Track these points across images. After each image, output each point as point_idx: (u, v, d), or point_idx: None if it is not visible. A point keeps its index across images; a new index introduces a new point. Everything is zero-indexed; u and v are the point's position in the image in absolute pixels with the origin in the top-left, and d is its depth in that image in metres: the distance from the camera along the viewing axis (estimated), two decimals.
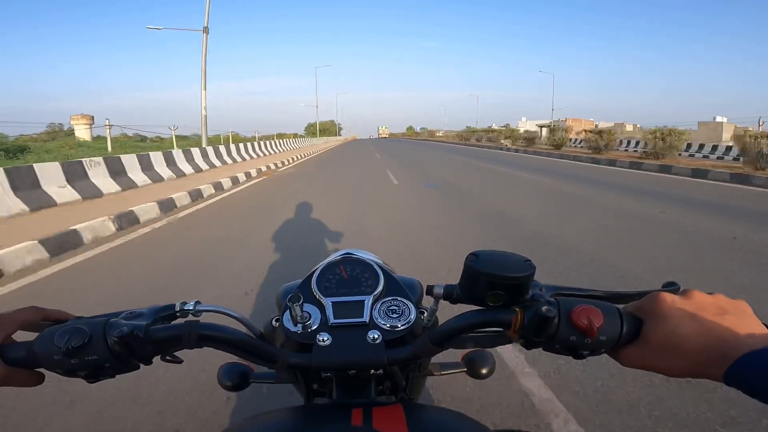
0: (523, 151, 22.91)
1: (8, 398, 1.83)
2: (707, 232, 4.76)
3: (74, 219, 4.99)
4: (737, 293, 2.44)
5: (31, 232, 4.28)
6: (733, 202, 6.93)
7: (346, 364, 0.50)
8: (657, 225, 5.19)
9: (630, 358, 0.42)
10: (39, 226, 4.64)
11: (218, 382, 0.68)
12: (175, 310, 0.53)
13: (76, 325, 0.44)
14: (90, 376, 0.46)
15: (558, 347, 0.43)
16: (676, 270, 3.51)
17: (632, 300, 0.47)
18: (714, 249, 4.11)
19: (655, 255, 3.90)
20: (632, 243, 4.32)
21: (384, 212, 6.10)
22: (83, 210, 5.73)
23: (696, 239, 4.48)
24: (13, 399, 1.82)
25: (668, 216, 5.67)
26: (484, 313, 0.46)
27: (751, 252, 3.98)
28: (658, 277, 3.28)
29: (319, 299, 0.57)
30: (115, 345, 0.44)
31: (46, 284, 3.38)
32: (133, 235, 4.94)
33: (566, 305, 0.43)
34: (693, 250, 4.06)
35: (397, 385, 0.60)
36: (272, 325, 0.58)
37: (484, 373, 0.72)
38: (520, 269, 0.43)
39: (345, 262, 0.62)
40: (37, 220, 5.16)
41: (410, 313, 0.54)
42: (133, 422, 1.73)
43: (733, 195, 7.74)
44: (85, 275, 3.56)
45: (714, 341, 0.37)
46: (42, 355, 0.44)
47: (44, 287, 3.31)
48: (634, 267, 3.55)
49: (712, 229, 4.87)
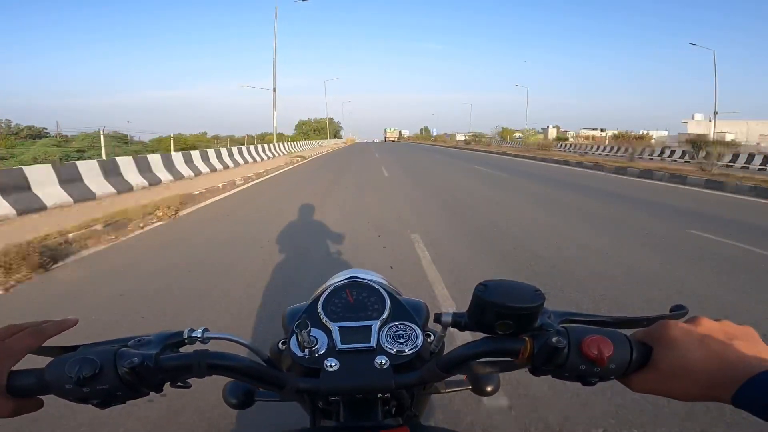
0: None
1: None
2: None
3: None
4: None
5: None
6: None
7: (355, 389, 0.50)
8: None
9: (640, 384, 0.43)
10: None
11: (223, 400, 0.68)
12: (183, 337, 0.53)
13: (87, 355, 0.45)
14: (101, 404, 0.46)
15: (567, 375, 0.43)
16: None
17: (640, 325, 0.47)
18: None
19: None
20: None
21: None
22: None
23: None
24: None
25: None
26: (493, 341, 0.46)
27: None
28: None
29: (326, 324, 0.57)
30: (125, 375, 0.44)
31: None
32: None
33: (576, 335, 0.43)
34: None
35: (403, 405, 0.61)
36: (279, 347, 0.58)
37: (489, 390, 0.72)
38: (529, 299, 0.44)
39: (351, 286, 0.63)
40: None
41: (417, 337, 0.55)
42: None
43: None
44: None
45: (722, 365, 0.38)
46: (53, 384, 0.44)
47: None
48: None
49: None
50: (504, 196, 8.66)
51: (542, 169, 15.87)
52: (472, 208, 7.14)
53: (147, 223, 5.84)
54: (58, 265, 4.04)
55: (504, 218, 6.28)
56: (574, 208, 7.14)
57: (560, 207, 7.30)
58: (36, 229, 5.05)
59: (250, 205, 7.83)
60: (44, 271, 3.79)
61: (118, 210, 6.20)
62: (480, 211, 6.94)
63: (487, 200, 8.06)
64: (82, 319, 0.58)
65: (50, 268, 3.90)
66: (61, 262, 4.11)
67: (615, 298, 3.18)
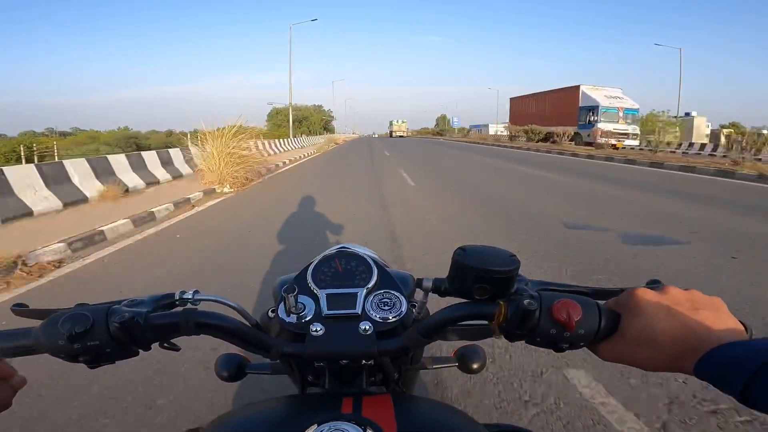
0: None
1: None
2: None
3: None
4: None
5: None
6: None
7: (338, 354, 0.52)
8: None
9: (608, 351, 0.44)
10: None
11: (215, 372, 0.70)
12: (175, 298, 0.54)
13: (80, 311, 0.46)
14: (91, 362, 0.47)
15: (539, 340, 0.45)
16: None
17: (615, 296, 0.48)
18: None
19: None
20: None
21: None
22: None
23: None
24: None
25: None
26: (470, 306, 0.48)
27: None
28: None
29: (314, 291, 0.58)
30: (116, 331, 0.45)
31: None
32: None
33: (547, 299, 0.44)
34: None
35: (388, 377, 0.62)
36: (268, 315, 0.59)
37: (475, 367, 0.74)
38: (505, 263, 0.45)
39: (340, 256, 0.64)
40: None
41: (401, 305, 0.56)
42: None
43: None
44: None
45: (686, 335, 0.39)
46: (46, 341, 0.46)
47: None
48: None
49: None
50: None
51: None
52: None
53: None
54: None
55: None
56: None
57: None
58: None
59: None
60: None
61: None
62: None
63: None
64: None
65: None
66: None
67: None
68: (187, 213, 6.32)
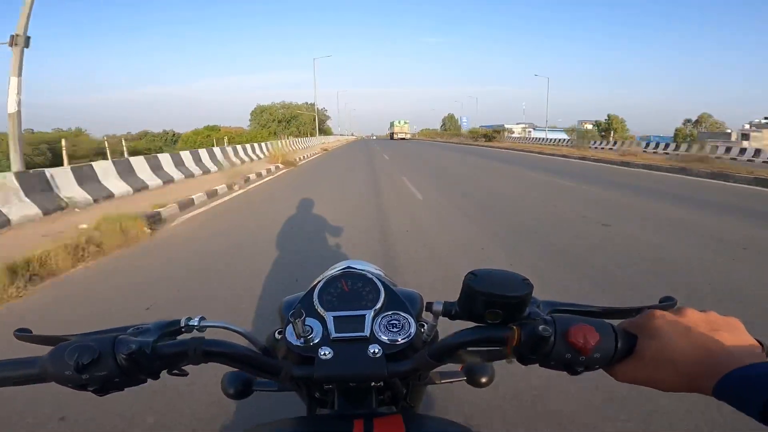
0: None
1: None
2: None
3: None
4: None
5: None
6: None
7: (348, 377, 0.51)
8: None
9: (624, 373, 0.43)
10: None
11: (222, 390, 0.69)
12: (180, 325, 0.54)
13: (85, 342, 0.45)
14: (100, 390, 0.47)
15: (553, 364, 0.44)
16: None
17: (628, 316, 0.48)
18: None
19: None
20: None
21: None
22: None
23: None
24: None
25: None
26: (482, 330, 0.47)
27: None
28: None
29: (321, 313, 0.58)
30: (123, 361, 0.45)
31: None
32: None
33: (562, 324, 0.44)
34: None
35: (397, 394, 0.62)
36: (275, 337, 0.59)
37: (483, 382, 0.73)
38: (518, 288, 0.45)
39: (346, 276, 0.63)
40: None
41: (410, 327, 0.55)
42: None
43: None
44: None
45: (704, 356, 0.38)
46: (54, 371, 0.45)
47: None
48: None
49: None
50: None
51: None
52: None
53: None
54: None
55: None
56: None
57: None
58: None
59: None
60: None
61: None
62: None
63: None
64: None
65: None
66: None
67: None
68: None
